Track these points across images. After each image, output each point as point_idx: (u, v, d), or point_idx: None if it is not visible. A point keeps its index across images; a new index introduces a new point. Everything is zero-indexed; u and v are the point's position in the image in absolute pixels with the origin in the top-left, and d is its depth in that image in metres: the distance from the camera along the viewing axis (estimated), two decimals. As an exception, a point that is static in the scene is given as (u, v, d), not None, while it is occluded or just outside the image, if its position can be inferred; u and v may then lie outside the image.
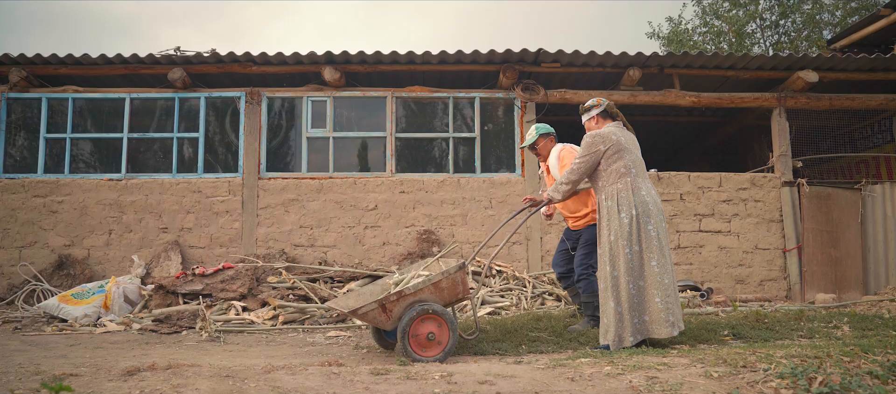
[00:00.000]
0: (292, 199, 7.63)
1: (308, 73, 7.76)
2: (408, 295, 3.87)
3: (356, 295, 4.53)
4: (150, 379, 2.92)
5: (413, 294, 3.87)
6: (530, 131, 5.03)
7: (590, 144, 4.12)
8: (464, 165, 7.89)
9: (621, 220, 3.95)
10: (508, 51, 7.36)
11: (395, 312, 3.87)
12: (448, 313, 3.88)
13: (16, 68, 7.59)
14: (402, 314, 3.85)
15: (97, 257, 7.47)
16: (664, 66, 7.73)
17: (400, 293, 3.86)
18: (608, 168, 4.08)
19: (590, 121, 4.38)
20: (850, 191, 7.81)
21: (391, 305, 3.86)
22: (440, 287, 3.94)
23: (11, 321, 6.17)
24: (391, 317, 3.89)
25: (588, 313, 4.78)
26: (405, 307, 3.87)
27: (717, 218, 7.73)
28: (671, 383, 2.76)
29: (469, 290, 4.08)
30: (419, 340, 3.81)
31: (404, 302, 3.88)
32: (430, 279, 3.93)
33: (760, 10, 16.85)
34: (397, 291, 3.88)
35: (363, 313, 3.86)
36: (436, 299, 3.95)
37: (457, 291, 4.01)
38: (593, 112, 4.35)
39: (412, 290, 3.87)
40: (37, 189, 7.57)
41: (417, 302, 3.88)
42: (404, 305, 3.87)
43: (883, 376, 2.76)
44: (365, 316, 3.89)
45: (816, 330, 4.70)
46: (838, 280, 7.57)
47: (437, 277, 3.92)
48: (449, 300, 4.02)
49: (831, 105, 8.02)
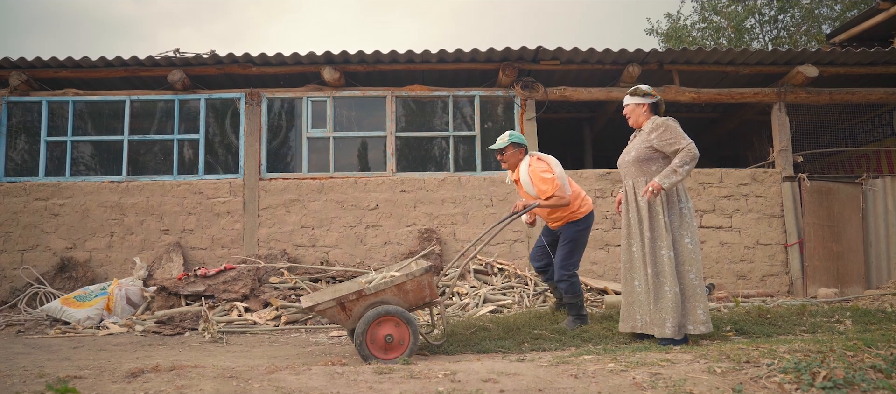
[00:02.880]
0: (293, 199, 7.64)
1: (308, 73, 7.76)
2: (368, 295, 3.81)
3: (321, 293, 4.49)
4: (154, 381, 2.92)
5: (374, 295, 3.82)
6: (503, 136, 4.81)
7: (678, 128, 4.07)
8: (464, 164, 7.89)
9: (682, 211, 4.04)
10: (508, 49, 7.36)
11: (354, 311, 3.82)
12: (408, 316, 3.81)
13: (16, 72, 7.60)
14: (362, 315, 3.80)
15: (99, 260, 7.47)
16: (663, 62, 7.73)
17: (360, 293, 3.80)
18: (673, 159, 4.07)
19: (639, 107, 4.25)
20: (851, 185, 7.81)
21: (351, 304, 3.80)
22: (404, 289, 3.89)
23: (14, 324, 6.17)
24: (351, 316, 3.83)
25: (573, 313, 4.75)
26: (365, 307, 3.81)
27: (718, 214, 7.73)
28: (675, 379, 2.76)
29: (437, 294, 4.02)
30: (377, 341, 3.75)
31: (364, 302, 3.82)
32: (393, 280, 3.88)
33: (759, 5, 16.84)
34: (356, 290, 3.83)
35: (321, 310, 3.81)
36: (400, 302, 3.89)
37: (422, 295, 3.95)
38: (648, 100, 4.24)
39: (373, 290, 3.82)
40: (38, 192, 7.58)
41: (379, 303, 3.82)
42: (365, 305, 3.81)
43: (886, 370, 2.76)
44: (324, 313, 3.84)
45: (819, 325, 4.70)
46: (840, 275, 7.56)
47: (401, 279, 3.87)
48: (414, 303, 3.97)
49: (831, 99, 8.02)
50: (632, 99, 4.28)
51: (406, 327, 3.79)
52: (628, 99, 4.30)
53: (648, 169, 4.13)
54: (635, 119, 4.29)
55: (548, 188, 4.54)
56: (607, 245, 7.60)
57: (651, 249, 4.04)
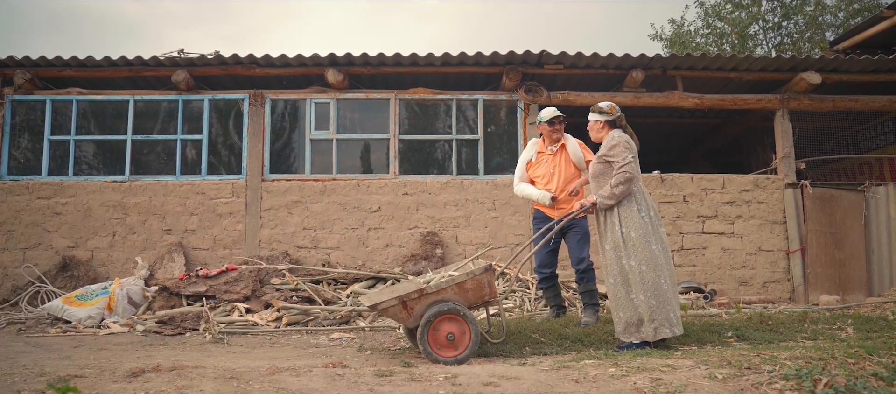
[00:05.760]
0: (296, 200, 7.64)
1: (311, 75, 7.77)
2: (430, 294, 3.86)
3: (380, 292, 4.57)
4: (155, 381, 2.92)
5: (435, 293, 3.86)
6: (550, 110, 5.09)
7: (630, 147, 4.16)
8: (467, 167, 7.89)
9: (642, 219, 4.06)
10: (511, 53, 7.36)
11: (416, 310, 3.87)
12: (470, 315, 3.87)
13: (20, 71, 7.62)
14: (424, 313, 3.84)
15: (101, 259, 7.48)
16: (667, 67, 7.73)
17: (421, 291, 3.85)
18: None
19: (596, 124, 4.35)
20: (853, 192, 7.80)
21: (412, 302, 3.85)
22: (465, 288, 3.93)
23: (16, 323, 6.18)
24: (412, 315, 3.88)
25: (592, 304, 4.94)
26: (427, 306, 3.86)
27: (720, 220, 7.72)
28: (675, 384, 2.76)
29: (495, 292, 4.07)
30: (438, 339, 3.80)
31: (426, 301, 3.87)
32: (454, 279, 3.93)
33: (763, 12, 16.82)
34: (418, 288, 3.88)
35: (384, 308, 3.87)
36: (460, 300, 3.93)
37: (483, 294, 3.99)
38: (605, 117, 4.31)
39: (434, 288, 3.87)
40: (41, 191, 7.59)
41: (440, 301, 3.87)
42: (426, 303, 3.86)
43: (888, 377, 2.75)
44: (386, 311, 3.90)
45: (820, 332, 4.69)
46: (842, 282, 7.55)
47: (462, 278, 3.92)
48: (474, 302, 4.01)
49: (834, 106, 8.01)
50: (592, 116, 4.39)
51: (467, 325, 3.83)
52: (590, 116, 4.41)
53: (605, 183, 4.19)
54: (594, 135, 4.40)
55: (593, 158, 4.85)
56: (609, 250, 7.58)
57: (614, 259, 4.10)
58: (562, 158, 5.05)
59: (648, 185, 7.72)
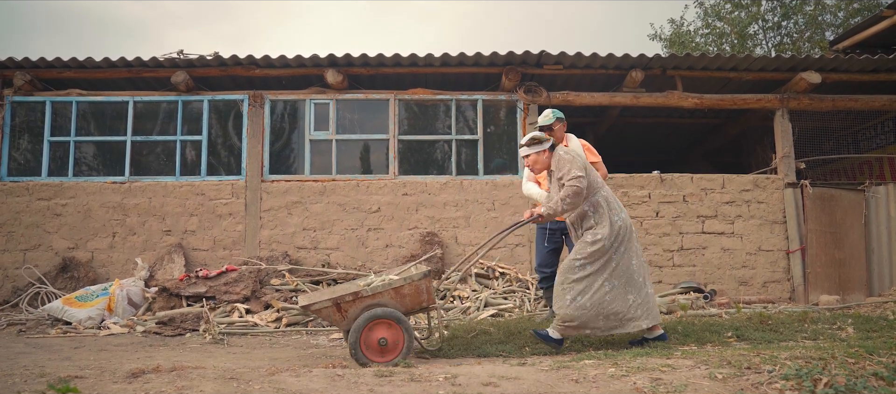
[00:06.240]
0: (295, 201, 7.64)
1: (311, 75, 7.77)
2: (365, 297, 3.79)
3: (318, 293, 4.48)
4: (155, 381, 2.92)
5: (371, 296, 3.80)
6: (547, 114, 5.10)
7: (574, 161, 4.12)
8: (466, 168, 7.89)
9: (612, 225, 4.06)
10: (511, 53, 7.36)
11: (350, 313, 3.79)
12: (405, 321, 3.80)
13: (20, 72, 7.62)
14: (358, 316, 3.77)
15: (101, 260, 7.48)
16: (666, 67, 7.73)
17: (356, 294, 3.78)
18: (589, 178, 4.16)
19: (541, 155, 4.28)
20: (853, 192, 7.80)
21: (347, 305, 3.78)
22: (402, 293, 3.87)
23: (16, 324, 6.18)
24: (346, 317, 3.81)
25: None
26: (361, 309, 3.80)
27: (720, 220, 7.72)
28: (675, 384, 2.76)
29: (434, 298, 4.01)
30: (370, 344, 3.73)
31: (361, 304, 3.80)
32: (390, 283, 3.86)
33: (762, 12, 16.82)
34: (353, 291, 3.80)
35: (317, 309, 3.79)
36: (397, 305, 3.87)
37: (421, 299, 3.94)
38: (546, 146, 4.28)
39: (370, 292, 3.80)
40: (41, 192, 7.59)
41: (375, 305, 3.81)
42: (361, 306, 3.80)
43: (888, 377, 2.75)
44: (319, 313, 3.82)
45: (820, 332, 4.69)
46: (842, 282, 7.55)
47: (399, 282, 3.85)
48: (411, 307, 3.96)
49: (834, 106, 8.01)
50: (530, 149, 4.30)
51: (401, 331, 3.77)
52: (526, 150, 4.32)
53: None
54: (542, 166, 4.32)
55: (598, 159, 4.99)
56: (609, 250, 7.58)
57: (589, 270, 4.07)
58: None
59: (648, 185, 7.73)
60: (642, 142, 11.24)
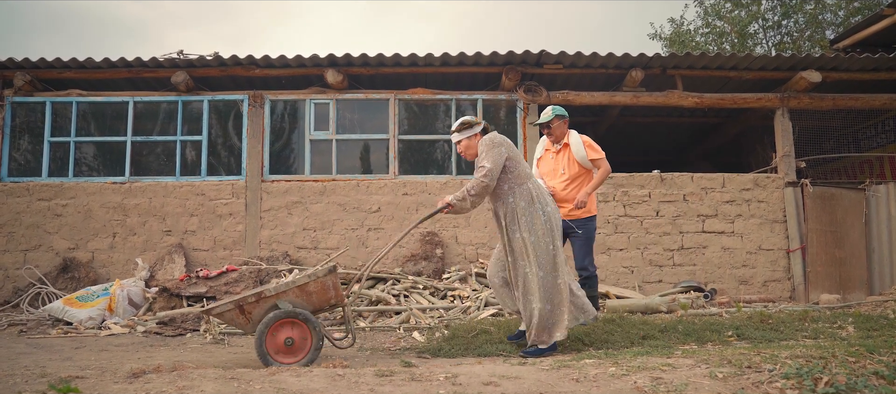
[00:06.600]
0: (295, 201, 7.64)
1: (311, 75, 7.77)
2: (269, 297, 3.70)
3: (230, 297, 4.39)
4: (156, 381, 2.92)
5: (275, 296, 3.70)
6: (546, 111, 5.06)
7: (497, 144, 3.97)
8: (467, 167, 7.89)
9: (541, 218, 3.96)
10: (511, 52, 7.36)
11: (255, 315, 3.68)
12: (313, 319, 3.70)
13: (20, 72, 7.63)
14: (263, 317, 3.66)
15: (101, 260, 7.49)
16: (666, 67, 7.73)
17: (259, 294, 3.69)
18: (515, 170, 4.03)
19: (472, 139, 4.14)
20: (853, 191, 7.79)
21: (250, 306, 3.67)
22: (307, 291, 3.78)
23: (17, 324, 6.18)
24: (251, 320, 3.69)
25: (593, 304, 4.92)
26: (266, 310, 3.69)
27: (720, 219, 7.72)
28: (676, 383, 2.76)
29: (342, 295, 3.92)
30: (277, 344, 3.63)
31: (266, 304, 3.69)
32: (294, 282, 3.76)
33: (762, 11, 16.82)
34: (256, 291, 3.70)
35: (219, 312, 3.68)
36: (303, 304, 3.78)
37: (328, 296, 3.85)
38: (477, 129, 4.16)
39: (273, 292, 3.70)
40: (41, 193, 7.59)
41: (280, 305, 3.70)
42: (265, 307, 3.69)
43: (889, 376, 2.75)
44: (222, 316, 3.71)
45: (821, 331, 4.69)
46: (842, 281, 7.55)
47: (303, 280, 3.76)
48: (319, 305, 3.87)
49: (835, 105, 8.00)
50: (460, 135, 4.16)
51: (308, 330, 3.67)
52: (457, 136, 4.18)
53: (499, 188, 4.05)
54: (473, 151, 4.15)
55: (599, 156, 4.88)
56: (609, 249, 7.59)
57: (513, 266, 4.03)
58: (565, 155, 5.03)
59: (649, 184, 7.73)
60: (642, 141, 11.23)
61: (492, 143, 3.99)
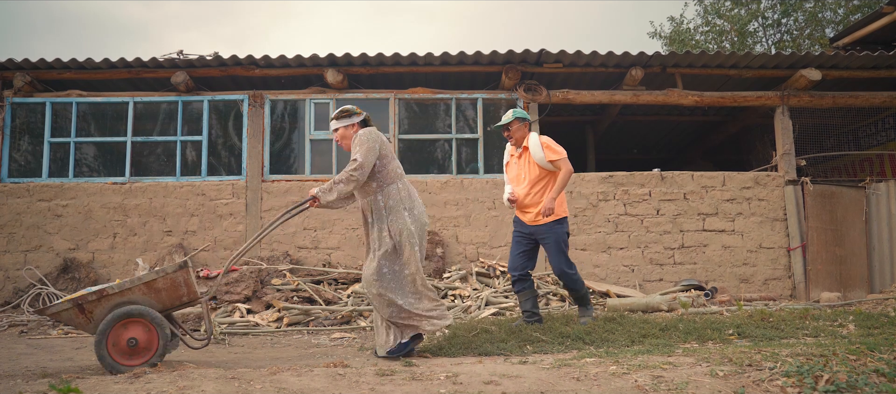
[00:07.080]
0: (296, 201, 7.64)
1: (311, 75, 7.77)
2: (112, 295, 3.48)
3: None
4: (157, 381, 2.92)
5: (119, 294, 3.49)
6: (507, 114, 4.97)
7: (373, 139, 3.87)
8: (467, 166, 7.89)
9: (406, 218, 3.88)
10: (510, 52, 7.36)
11: (97, 314, 3.48)
12: (158, 318, 3.52)
13: (20, 73, 7.63)
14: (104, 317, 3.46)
15: (102, 261, 7.49)
16: (666, 65, 7.72)
17: (101, 292, 3.47)
18: (386, 167, 3.94)
19: (348, 129, 4.04)
20: (854, 189, 7.79)
21: (91, 306, 3.45)
22: (155, 288, 3.56)
23: (17, 325, 6.19)
24: (93, 320, 3.48)
25: (583, 305, 4.97)
26: (109, 309, 3.49)
27: (720, 217, 7.72)
28: (677, 382, 2.76)
29: (196, 292, 3.72)
30: (119, 345, 3.44)
31: (108, 303, 3.49)
32: (141, 279, 3.55)
33: (762, 9, 16.81)
34: (98, 289, 3.50)
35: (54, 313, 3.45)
36: (153, 302, 3.57)
37: (179, 294, 3.65)
38: (356, 119, 4.08)
39: (117, 289, 3.49)
40: (41, 193, 7.60)
41: (125, 303, 3.51)
42: (108, 306, 3.49)
43: (889, 374, 2.75)
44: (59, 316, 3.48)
45: (822, 329, 4.69)
46: (843, 279, 7.54)
47: (151, 276, 3.56)
48: (170, 303, 3.67)
49: (835, 103, 8.00)
50: (338, 123, 4.06)
51: (154, 330, 3.49)
52: (335, 124, 4.08)
53: (368, 185, 3.94)
54: (348, 142, 4.05)
55: (558, 157, 4.77)
56: (610, 248, 7.59)
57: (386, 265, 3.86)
58: (526, 159, 4.96)
59: (649, 182, 7.72)
60: (642, 140, 11.24)
61: (368, 137, 3.89)
